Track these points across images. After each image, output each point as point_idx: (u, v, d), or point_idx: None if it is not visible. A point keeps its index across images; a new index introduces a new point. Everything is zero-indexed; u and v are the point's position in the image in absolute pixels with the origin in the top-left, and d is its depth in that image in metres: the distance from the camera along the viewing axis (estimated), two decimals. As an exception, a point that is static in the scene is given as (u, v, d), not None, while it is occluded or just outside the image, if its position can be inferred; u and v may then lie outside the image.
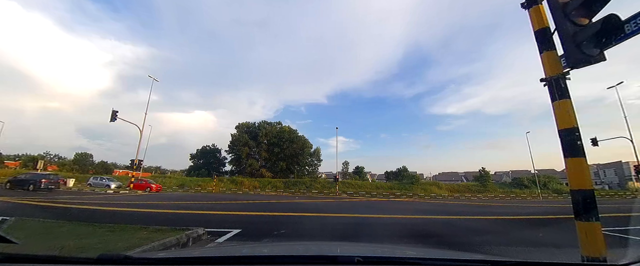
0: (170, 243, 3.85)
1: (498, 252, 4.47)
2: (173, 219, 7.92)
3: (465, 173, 65.46)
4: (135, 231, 4.50)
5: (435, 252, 2.24)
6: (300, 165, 47.69)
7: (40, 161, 31.05)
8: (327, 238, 5.69)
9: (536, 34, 2.51)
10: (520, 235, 6.54)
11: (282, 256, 1.49)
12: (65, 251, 3.16)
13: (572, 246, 4.54)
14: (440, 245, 5.09)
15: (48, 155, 56.82)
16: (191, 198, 18.07)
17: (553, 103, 2.29)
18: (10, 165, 48.67)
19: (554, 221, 9.30)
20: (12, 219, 5.51)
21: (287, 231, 6.12)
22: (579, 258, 1.98)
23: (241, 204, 13.86)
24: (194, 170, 48.94)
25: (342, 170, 54.31)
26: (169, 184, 35.31)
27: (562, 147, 2.22)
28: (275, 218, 8.66)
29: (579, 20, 2.24)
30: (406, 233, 6.48)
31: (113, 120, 22.90)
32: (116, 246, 3.50)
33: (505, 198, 33.07)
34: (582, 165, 2.11)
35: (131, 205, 11.27)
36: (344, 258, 1.30)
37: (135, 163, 24.87)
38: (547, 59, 2.39)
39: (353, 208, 13.57)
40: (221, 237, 5.09)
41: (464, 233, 6.61)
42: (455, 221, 8.74)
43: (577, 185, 2.09)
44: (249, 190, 34.24)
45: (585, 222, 1.99)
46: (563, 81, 2.27)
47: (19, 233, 4.35)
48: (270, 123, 49.65)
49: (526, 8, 2.62)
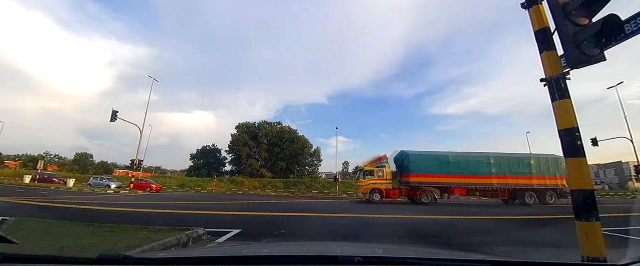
0: (170, 243, 3.85)
1: (498, 252, 4.47)
2: (173, 219, 7.92)
3: (465, 173, 65.33)
4: (135, 231, 4.50)
5: (435, 252, 2.24)
6: (300, 165, 47.69)
7: (40, 161, 31.01)
8: (327, 238, 5.69)
9: (536, 34, 2.51)
10: (520, 235, 6.53)
11: (282, 256, 1.49)
12: (65, 251, 3.16)
13: (572, 246, 4.55)
14: (440, 244, 5.08)
15: (48, 155, 56.91)
16: (191, 198, 18.06)
17: (553, 103, 2.29)
18: (10, 165, 48.68)
19: (554, 222, 9.30)
20: (12, 219, 5.50)
21: (287, 231, 6.12)
22: (579, 258, 1.98)
23: (241, 204, 13.86)
24: (194, 170, 48.94)
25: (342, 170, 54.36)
26: (169, 184, 35.30)
27: (562, 147, 2.22)
28: (275, 218, 8.66)
29: (579, 20, 2.24)
30: (406, 233, 6.48)
31: (113, 120, 22.90)
32: (116, 246, 3.50)
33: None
34: (582, 165, 2.11)
35: (131, 205, 11.27)
36: (344, 258, 1.30)
37: (135, 163, 24.87)
38: (547, 59, 2.39)
39: (353, 208, 13.57)
40: (221, 237, 5.09)
41: (464, 233, 6.61)
42: (455, 221, 8.74)
43: (577, 185, 2.09)
44: (249, 190, 34.22)
45: (586, 222, 1.99)
46: (563, 81, 2.27)
47: (19, 233, 4.35)
48: (270, 123, 49.64)
49: (526, 8, 2.62)
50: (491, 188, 16.84)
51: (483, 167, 16.80)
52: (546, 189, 16.43)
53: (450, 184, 16.82)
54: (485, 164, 16.86)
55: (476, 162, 17.09)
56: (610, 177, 53.58)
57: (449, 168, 16.82)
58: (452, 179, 16.72)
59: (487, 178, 16.63)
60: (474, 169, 16.78)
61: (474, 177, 16.69)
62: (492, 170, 16.68)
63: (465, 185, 16.89)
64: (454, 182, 16.77)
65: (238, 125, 48.95)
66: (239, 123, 49.18)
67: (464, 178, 16.70)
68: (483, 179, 16.67)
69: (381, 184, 17.00)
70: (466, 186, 16.92)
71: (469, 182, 16.75)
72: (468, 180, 16.72)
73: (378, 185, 16.98)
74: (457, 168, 16.81)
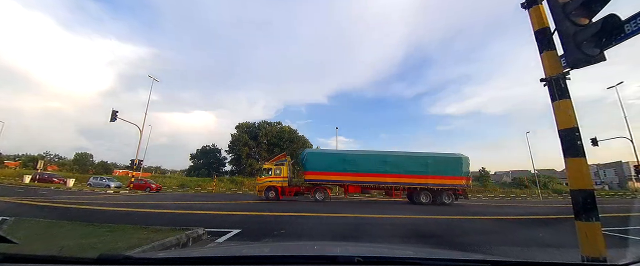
0: (170, 243, 3.85)
1: (498, 252, 4.47)
2: (173, 219, 7.91)
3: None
4: (135, 231, 4.50)
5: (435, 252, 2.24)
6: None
7: (40, 161, 31.02)
8: (327, 238, 5.69)
9: (536, 34, 2.51)
10: (520, 235, 6.54)
11: (282, 256, 1.49)
12: (65, 251, 3.16)
13: (572, 246, 4.55)
14: (440, 244, 5.08)
15: (48, 155, 56.82)
16: (191, 198, 18.07)
17: (553, 103, 2.29)
18: (10, 165, 48.65)
19: (554, 222, 9.30)
20: (12, 219, 5.51)
21: (287, 231, 6.12)
22: (579, 258, 1.98)
23: (241, 204, 13.86)
24: (194, 170, 48.90)
25: (342, 170, 54.23)
26: (169, 184, 35.29)
27: (562, 147, 2.22)
28: (275, 218, 8.66)
29: (579, 20, 2.24)
30: (406, 233, 6.48)
31: (113, 120, 22.90)
32: (116, 246, 3.50)
33: (505, 198, 33.07)
34: (582, 165, 2.11)
35: (131, 205, 11.27)
36: (344, 258, 1.30)
37: (135, 163, 24.86)
38: (547, 59, 2.39)
39: (353, 208, 13.57)
40: (221, 237, 5.09)
41: (463, 233, 6.61)
42: (455, 221, 8.74)
43: (577, 185, 2.09)
44: (248, 190, 34.20)
45: (586, 222, 1.99)
46: (563, 81, 2.27)
47: (19, 233, 4.35)
48: (270, 123, 49.60)
49: (526, 8, 2.62)
50: (386, 187, 17.13)
51: (379, 166, 16.94)
52: (443, 189, 16.33)
53: (345, 182, 17.10)
54: (381, 163, 17.02)
55: (372, 160, 17.29)
56: (610, 177, 53.55)
57: (344, 166, 17.05)
58: (347, 177, 16.96)
59: (382, 177, 16.80)
60: (369, 168, 16.96)
61: (369, 175, 16.90)
62: (387, 169, 16.77)
63: (360, 183, 17.19)
64: (348, 180, 17.02)
65: (238, 125, 48.94)
66: (239, 123, 49.16)
67: (359, 177, 16.93)
68: (378, 178, 16.85)
69: (277, 182, 17.21)
70: (361, 184, 17.24)
71: (364, 180, 17.00)
72: (363, 179, 16.97)
73: (274, 182, 17.23)
74: (353, 167, 17.00)
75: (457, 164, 16.73)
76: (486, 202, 19.91)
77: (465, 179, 16.53)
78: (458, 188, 16.51)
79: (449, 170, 16.55)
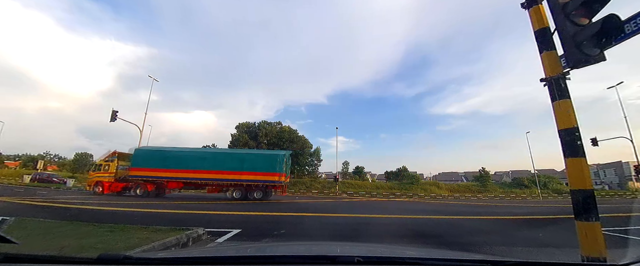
0: (170, 243, 3.85)
1: (498, 252, 4.47)
2: (173, 219, 7.92)
3: (465, 173, 65.37)
4: (135, 231, 4.50)
5: (435, 252, 2.25)
6: (300, 165, 47.61)
7: (40, 161, 31.06)
8: (327, 238, 5.69)
9: (536, 34, 2.51)
10: (520, 235, 6.54)
11: (282, 256, 1.49)
12: (65, 251, 3.16)
13: (572, 246, 4.55)
14: (440, 245, 5.09)
15: (48, 155, 56.86)
16: (191, 198, 18.09)
17: (553, 103, 2.29)
18: (10, 165, 48.68)
19: (554, 222, 9.30)
20: (12, 219, 5.50)
21: (287, 231, 6.12)
22: (579, 258, 1.98)
23: (241, 204, 13.86)
24: (194, 170, 48.86)
25: (342, 170, 54.16)
26: (169, 184, 35.22)
27: (562, 147, 2.22)
28: (275, 218, 8.66)
29: (579, 20, 2.24)
30: (406, 233, 6.48)
31: (113, 120, 22.89)
32: (116, 246, 3.50)
33: (505, 198, 33.08)
34: (582, 165, 2.11)
35: (131, 205, 11.27)
36: (344, 258, 1.30)
37: (135, 163, 24.83)
38: (547, 59, 2.39)
39: (353, 208, 13.58)
40: (221, 237, 5.09)
41: (464, 233, 6.61)
42: (455, 221, 8.74)
43: (577, 185, 2.09)
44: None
45: (585, 222, 1.99)
46: (563, 81, 2.27)
47: (19, 233, 4.35)
48: (270, 123, 49.59)
49: (526, 8, 2.61)
50: (203, 183, 17.59)
51: (197, 163, 17.31)
52: (255, 185, 16.68)
53: (166, 178, 17.43)
54: (200, 160, 17.43)
55: (192, 157, 17.70)
56: (610, 177, 53.55)
57: (165, 163, 17.40)
58: (168, 173, 17.29)
59: (199, 173, 17.17)
60: (188, 164, 17.32)
61: (188, 171, 17.25)
62: (205, 165, 17.16)
63: (179, 179, 17.56)
64: (169, 176, 17.35)
65: (238, 125, 48.91)
66: (239, 123, 49.11)
67: (178, 173, 17.30)
68: (196, 174, 17.22)
69: (104, 178, 18.06)
70: (180, 180, 17.59)
71: (183, 176, 17.39)
72: (182, 175, 17.35)
73: (101, 178, 18.12)
74: (174, 163, 17.36)
75: (273, 161, 16.94)
76: (486, 202, 19.92)
77: (279, 175, 16.67)
78: (273, 184, 16.85)
79: (263, 167, 16.78)
